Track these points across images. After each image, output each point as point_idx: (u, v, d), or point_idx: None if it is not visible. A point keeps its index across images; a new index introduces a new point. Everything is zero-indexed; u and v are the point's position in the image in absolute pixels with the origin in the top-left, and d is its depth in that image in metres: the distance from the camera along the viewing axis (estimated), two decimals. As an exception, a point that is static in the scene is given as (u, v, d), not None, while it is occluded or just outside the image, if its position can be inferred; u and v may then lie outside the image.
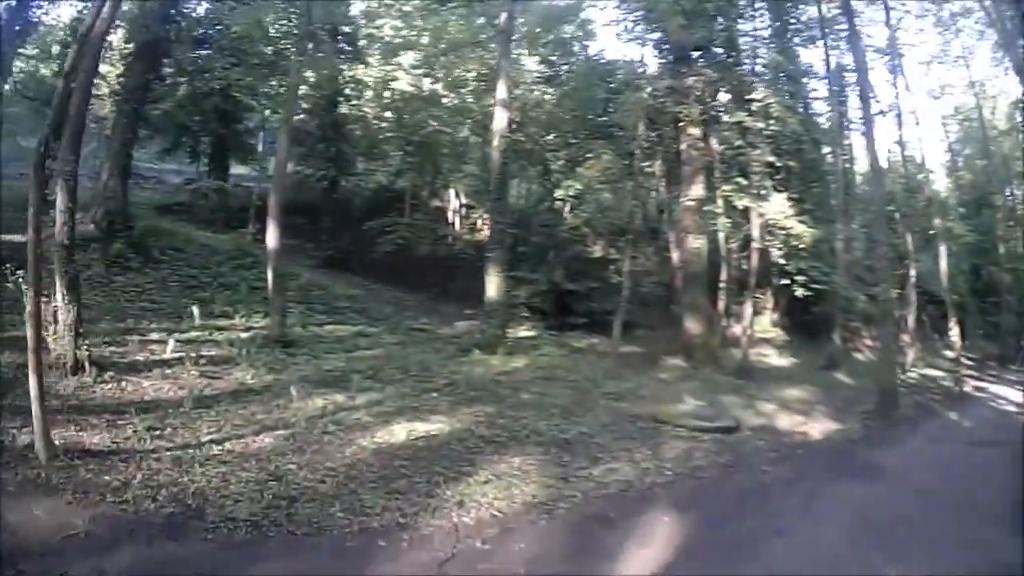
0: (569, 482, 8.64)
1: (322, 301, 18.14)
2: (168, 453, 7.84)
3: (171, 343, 11.55)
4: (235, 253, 18.25)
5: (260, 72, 22.92)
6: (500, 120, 18.05)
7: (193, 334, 12.75)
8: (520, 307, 22.16)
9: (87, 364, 9.63)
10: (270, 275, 13.99)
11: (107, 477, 7.00)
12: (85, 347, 9.87)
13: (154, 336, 12.09)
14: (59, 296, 9.71)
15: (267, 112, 27.01)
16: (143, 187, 24.61)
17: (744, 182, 18.65)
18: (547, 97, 26.05)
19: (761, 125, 18.73)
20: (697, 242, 19.23)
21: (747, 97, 19.19)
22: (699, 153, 18.97)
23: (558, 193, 24.62)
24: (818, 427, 13.09)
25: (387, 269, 24.10)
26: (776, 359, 21.90)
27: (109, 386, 9.57)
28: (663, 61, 20.82)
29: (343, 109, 25.93)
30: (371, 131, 28.52)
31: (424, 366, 14.09)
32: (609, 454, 9.95)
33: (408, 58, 28.25)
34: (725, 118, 19.49)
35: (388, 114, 27.85)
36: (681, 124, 19.39)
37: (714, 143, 19.40)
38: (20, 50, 19.92)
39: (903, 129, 26.42)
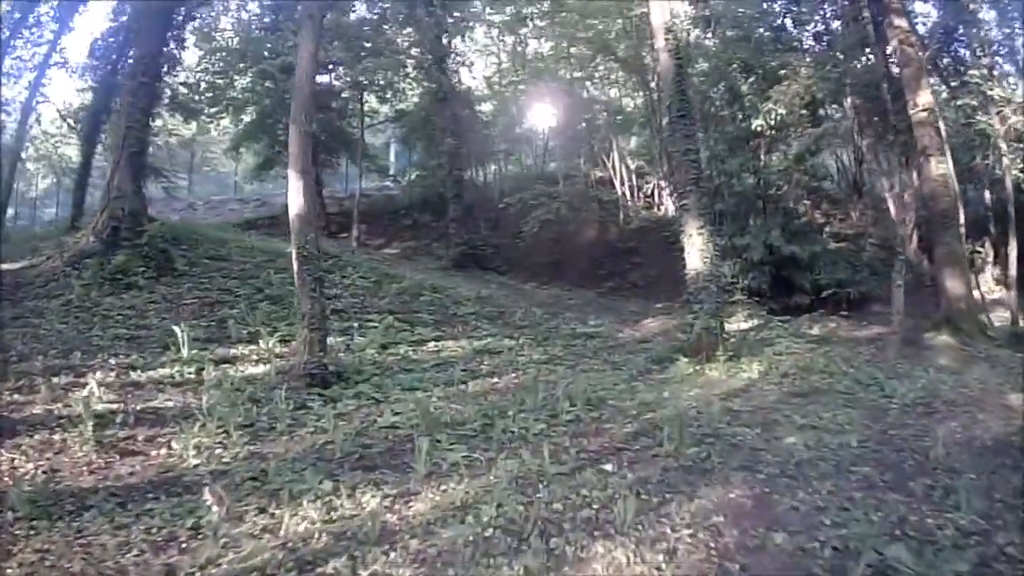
0: None
1: (433, 308, 11.85)
2: None
3: (92, 386, 5.98)
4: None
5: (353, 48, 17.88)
6: (659, 11, 11.37)
7: (163, 372, 7.35)
8: (731, 287, 14.64)
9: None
10: (295, 268, 7.76)
11: None
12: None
13: (98, 377, 7.08)
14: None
15: (372, 101, 22.09)
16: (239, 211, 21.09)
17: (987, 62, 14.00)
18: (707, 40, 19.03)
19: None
20: (941, 166, 13.34)
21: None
22: (915, 48, 13.76)
23: (755, 124, 16.78)
24: None
25: (541, 263, 17.73)
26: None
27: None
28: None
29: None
30: (504, 105, 22.83)
31: (591, 398, 7.24)
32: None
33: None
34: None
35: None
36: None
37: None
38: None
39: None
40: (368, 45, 18.36)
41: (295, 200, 7.65)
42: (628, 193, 21.17)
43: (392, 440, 5.74)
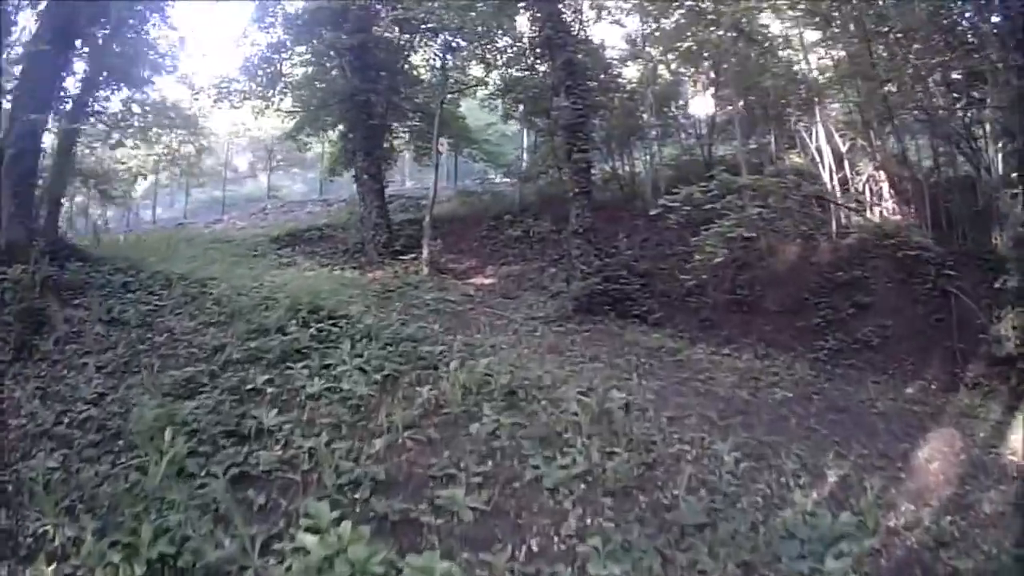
0: None
1: (486, 467, 5.14)
2: None
3: None
4: (283, 318, 6.99)
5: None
6: None
7: None
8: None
9: None
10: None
11: None
12: None
13: None
14: None
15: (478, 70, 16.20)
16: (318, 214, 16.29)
17: None
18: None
19: None
20: None
21: None
22: None
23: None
24: None
25: (716, 303, 11.12)
26: None
27: None
28: None
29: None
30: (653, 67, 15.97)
31: None
32: None
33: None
34: None
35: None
36: None
37: None
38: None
39: None
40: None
41: None
42: (838, 184, 13.36)
43: None
